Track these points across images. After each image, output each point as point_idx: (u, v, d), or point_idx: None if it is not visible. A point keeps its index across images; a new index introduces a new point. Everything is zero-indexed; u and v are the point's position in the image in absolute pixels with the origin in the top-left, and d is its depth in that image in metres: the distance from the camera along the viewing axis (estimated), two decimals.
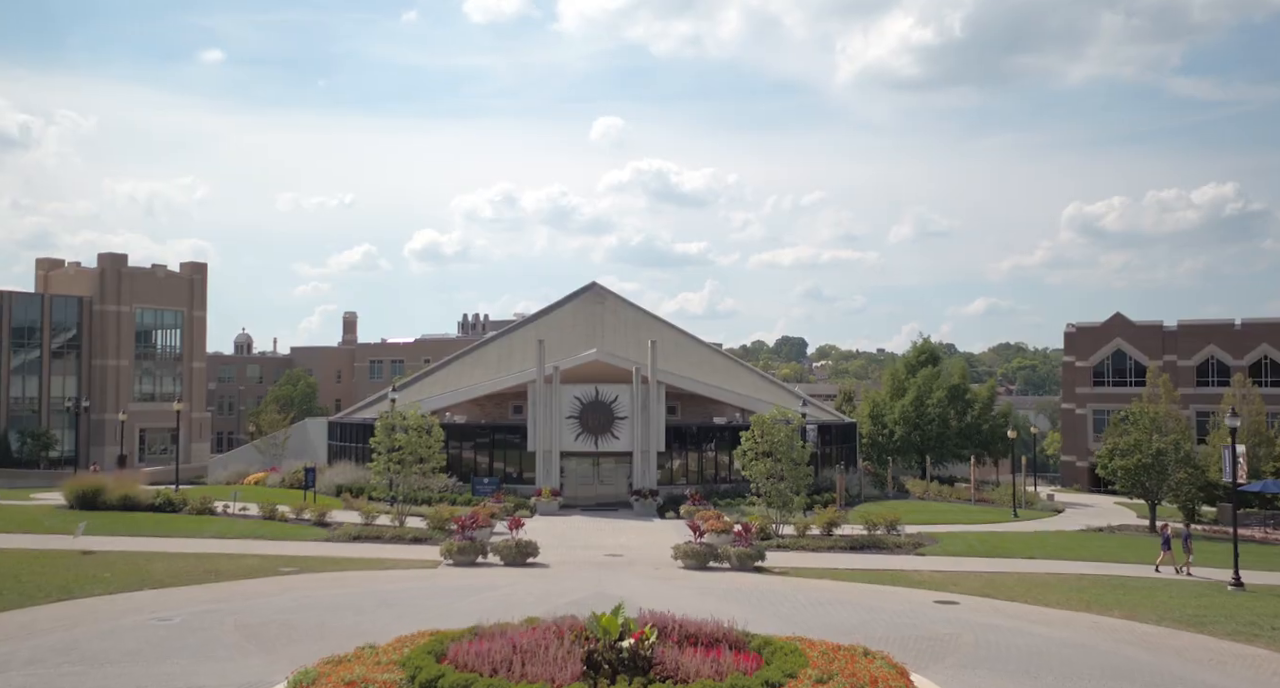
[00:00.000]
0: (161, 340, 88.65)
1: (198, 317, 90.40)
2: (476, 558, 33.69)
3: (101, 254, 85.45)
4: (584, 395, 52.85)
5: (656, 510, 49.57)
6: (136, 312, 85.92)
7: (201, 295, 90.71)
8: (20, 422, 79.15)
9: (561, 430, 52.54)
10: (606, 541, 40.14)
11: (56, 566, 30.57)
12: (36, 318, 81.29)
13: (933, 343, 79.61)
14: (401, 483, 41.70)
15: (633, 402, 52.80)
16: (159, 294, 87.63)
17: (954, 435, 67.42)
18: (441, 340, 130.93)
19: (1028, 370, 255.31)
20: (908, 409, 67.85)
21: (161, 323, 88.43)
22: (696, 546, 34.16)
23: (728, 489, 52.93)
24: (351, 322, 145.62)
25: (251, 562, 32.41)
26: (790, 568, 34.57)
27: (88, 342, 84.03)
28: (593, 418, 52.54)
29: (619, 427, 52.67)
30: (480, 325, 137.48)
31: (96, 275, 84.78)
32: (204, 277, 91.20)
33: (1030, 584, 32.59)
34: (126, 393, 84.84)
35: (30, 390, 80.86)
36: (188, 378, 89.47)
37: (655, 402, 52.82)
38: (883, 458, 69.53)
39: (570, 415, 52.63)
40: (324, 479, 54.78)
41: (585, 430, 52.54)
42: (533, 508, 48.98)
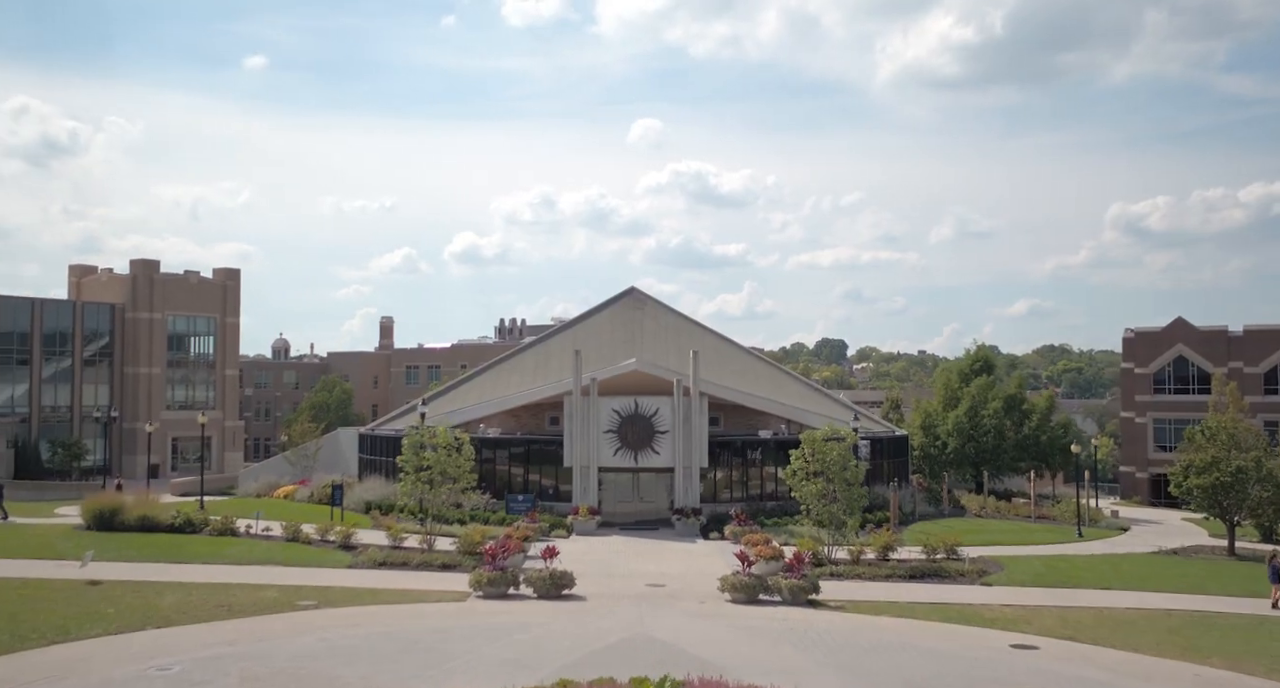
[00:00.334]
0: (194, 347, 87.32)
1: (230, 323, 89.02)
2: (508, 590, 31.32)
3: (134, 261, 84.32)
4: (623, 408, 50.38)
5: (699, 530, 46.99)
6: (169, 319, 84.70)
7: (235, 301, 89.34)
8: (52, 431, 78.05)
9: (599, 445, 50.10)
10: (647, 567, 37.63)
11: (59, 599, 28.55)
12: (68, 325, 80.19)
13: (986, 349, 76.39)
14: (431, 504, 39.44)
15: (674, 415, 50.25)
16: (192, 300, 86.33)
17: (1010, 448, 64.19)
18: (478, 346, 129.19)
19: (1073, 373, 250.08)
20: (962, 420, 64.71)
21: (194, 329, 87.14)
22: (745, 578, 31.57)
23: (774, 507, 50.25)
24: (388, 326, 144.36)
25: (269, 594, 30.22)
26: (847, 601, 31.88)
27: (120, 349, 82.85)
28: (632, 432, 50.05)
29: (659, 441, 50.14)
30: (518, 330, 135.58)
31: (129, 282, 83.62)
32: (237, 283, 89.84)
33: (1113, 623, 29.68)
34: (159, 401, 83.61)
35: (62, 399, 79.76)
36: (220, 385, 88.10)
37: (698, 415, 50.25)
38: (935, 471, 66.43)
39: (608, 430, 50.18)
40: (353, 495, 52.75)
41: (624, 445, 50.06)
42: (569, 527, 46.59)
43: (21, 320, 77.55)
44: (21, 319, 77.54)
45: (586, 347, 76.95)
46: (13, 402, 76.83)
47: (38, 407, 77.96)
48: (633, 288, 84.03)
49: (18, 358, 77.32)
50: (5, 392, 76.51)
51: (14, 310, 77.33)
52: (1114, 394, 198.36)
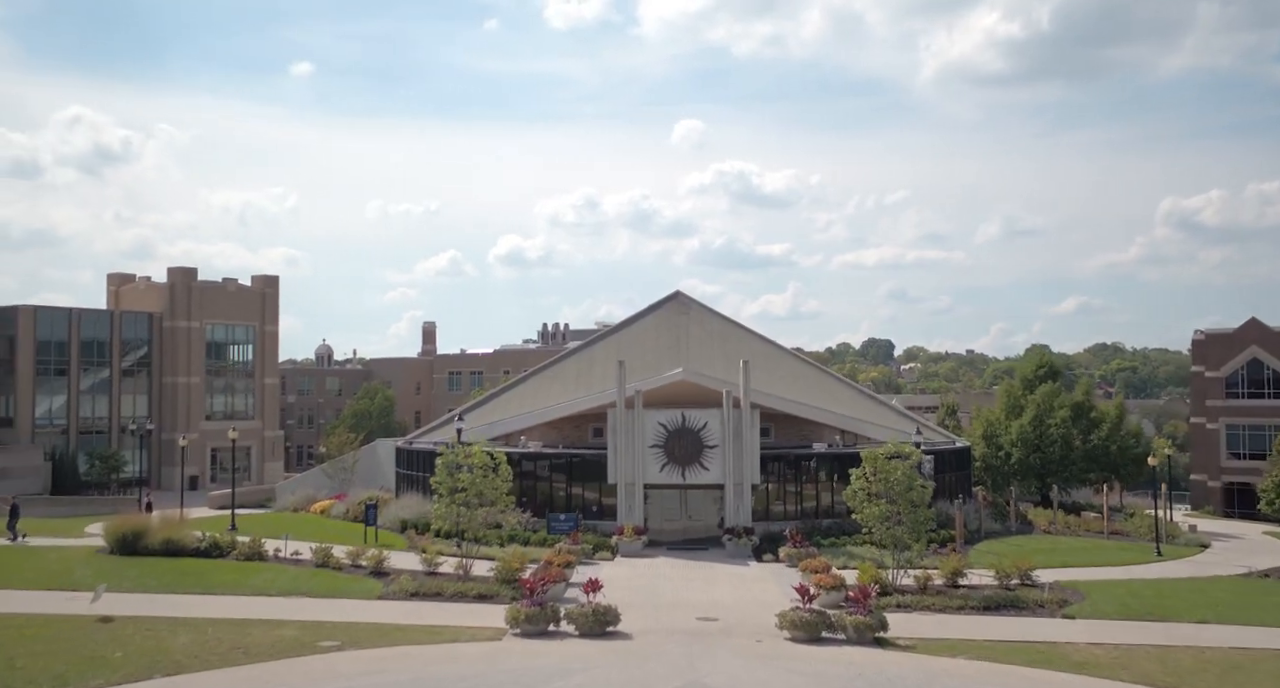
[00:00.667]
0: (233, 356, 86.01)
1: (269, 331, 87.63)
2: (548, 627, 28.86)
3: (171, 268, 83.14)
4: (669, 422, 47.79)
5: (752, 552, 44.27)
6: (207, 327, 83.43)
7: (273, 309, 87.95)
8: (90, 442, 76.99)
9: (645, 461, 47.55)
10: (697, 596, 35.00)
11: (64, 640, 26.51)
12: (106, 335, 79.13)
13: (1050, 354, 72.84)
14: (467, 528, 37.09)
15: (723, 428, 47.58)
16: (230, 309, 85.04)
17: (1079, 458, 60.76)
18: (520, 351, 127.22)
19: (1128, 372, 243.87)
20: (1026, 430, 61.41)
21: (233, 338, 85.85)
22: (806, 614, 28.85)
23: (831, 526, 47.39)
24: (430, 331, 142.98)
25: (289, 632, 27.99)
26: (918, 639, 29.04)
27: (158, 359, 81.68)
28: (679, 447, 47.44)
29: (708, 456, 47.48)
30: (560, 335, 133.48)
31: (166, 290, 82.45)
32: (275, 290, 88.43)
33: (1218, 668, 26.61)
34: (198, 411, 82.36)
35: (100, 410, 78.68)
36: (259, 395, 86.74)
37: (749, 428, 47.52)
38: (998, 484, 63.17)
39: (654, 444, 47.60)
40: (388, 512, 50.68)
41: (671, 461, 47.46)
42: (614, 548, 44.08)
43: (59, 331, 76.59)
44: (59, 329, 76.58)
45: (630, 354, 74.71)
46: (51, 413, 75.88)
47: (76, 418, 76.93)
48: (677, 292, 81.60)
49: (56, 368, 76.37)
50: (44, 403, 75.57)
51: (51, 321, 76.37)
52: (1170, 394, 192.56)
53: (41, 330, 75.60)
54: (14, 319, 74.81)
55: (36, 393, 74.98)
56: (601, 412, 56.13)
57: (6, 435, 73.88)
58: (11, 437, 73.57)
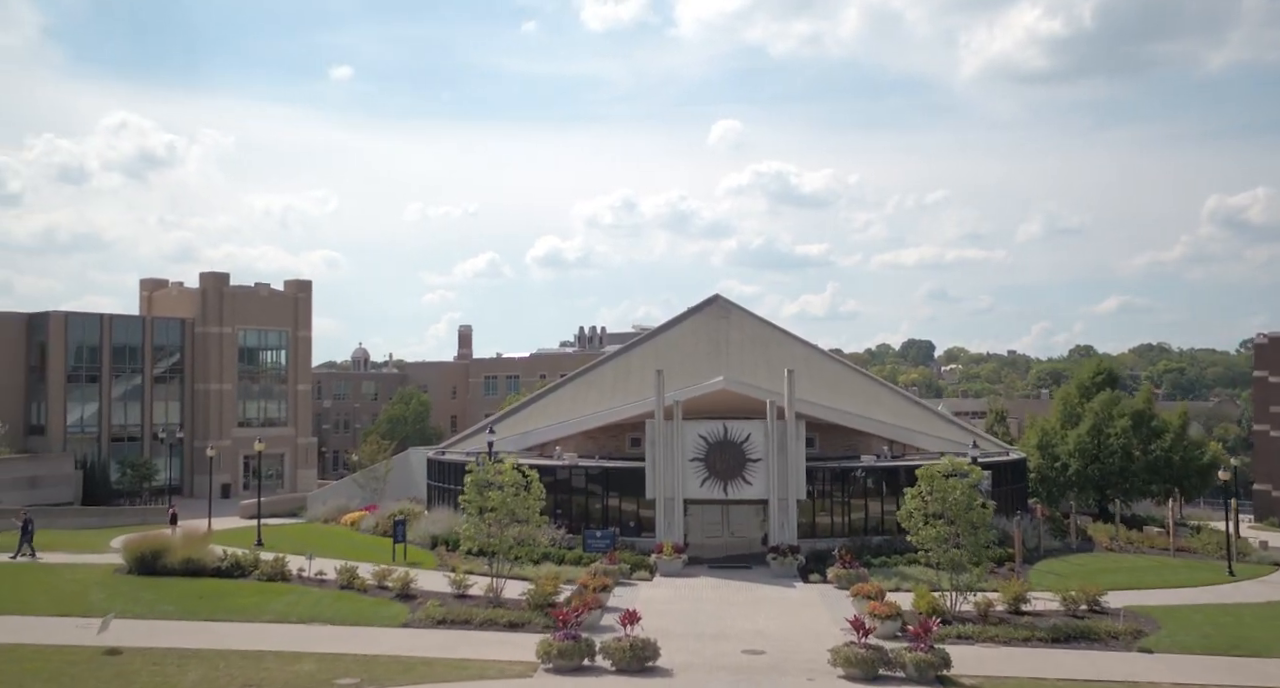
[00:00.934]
0: (265, 362, 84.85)
1: (302, 337, 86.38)
2: (582, 662, 26.82)
3: (203, 274, 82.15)
4: (710, 434, 45.60)
5: (798, 571, 42.00)
6: (239, 333, 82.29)
7: (306, 315, 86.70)
8: (122, 450, 76.05)
9: (685, 475, 45.38)
10: (742, 624, 32.81)
11: (67, 676, 24.84)
12: (138, 341, 78.18)
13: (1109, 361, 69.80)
14: (498, 549, 35.11)
15: (767, 441, 45.32)
16: (262, 314, 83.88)
17: (1140, 470, 57.84)
18: (557, 355, 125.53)
19: (1174, 373, 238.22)
20: (1084, 440, 58.55)
21: (265, 343, 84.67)
22: (862, 650, 26.59)
23: (881, 544, 44.98)
24: (467, 335, 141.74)
25: (306, 667, 26.16)
26: (983, 678, 26.70)
27: (190, 365, 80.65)
28: (720, 460, 45.24)
29: (751, 471, 45.23)
30: (598, 338, 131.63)
31: (198, 296, 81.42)
32: (308, 295, 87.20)
33: None
34: (230, 418, 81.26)
35: (132, 417, 77.72)
36: (292, 401, 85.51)
37: (794, 441, 45.22)
38: (1053, 496, 60.37)
39: (695, 458, 45.43)
40: (418, 527, 48.92)
41: (712, 475, 45.27)
42: (653, 567, 41.98)
43: (91, 337, 75.71)
44: (91, 335, 75.71)
45: (668, 359, 72.58)
46: (82, 421, 75.00)
47: (107, 425, 76.03)
48: (716, 296, 79.46)
49: (87, 375, 75.50)
50: (75, 411, 74.69)
51: (83, 327, 75.52)
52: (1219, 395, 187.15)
53: (73, 336, 74.76)
54: (45, 325, 74.02)
55: (68, 400, 74.13)
56: (639, 421, 54.08)
57: (38, 443, 73.11)
58: (43, 444, 72.77)
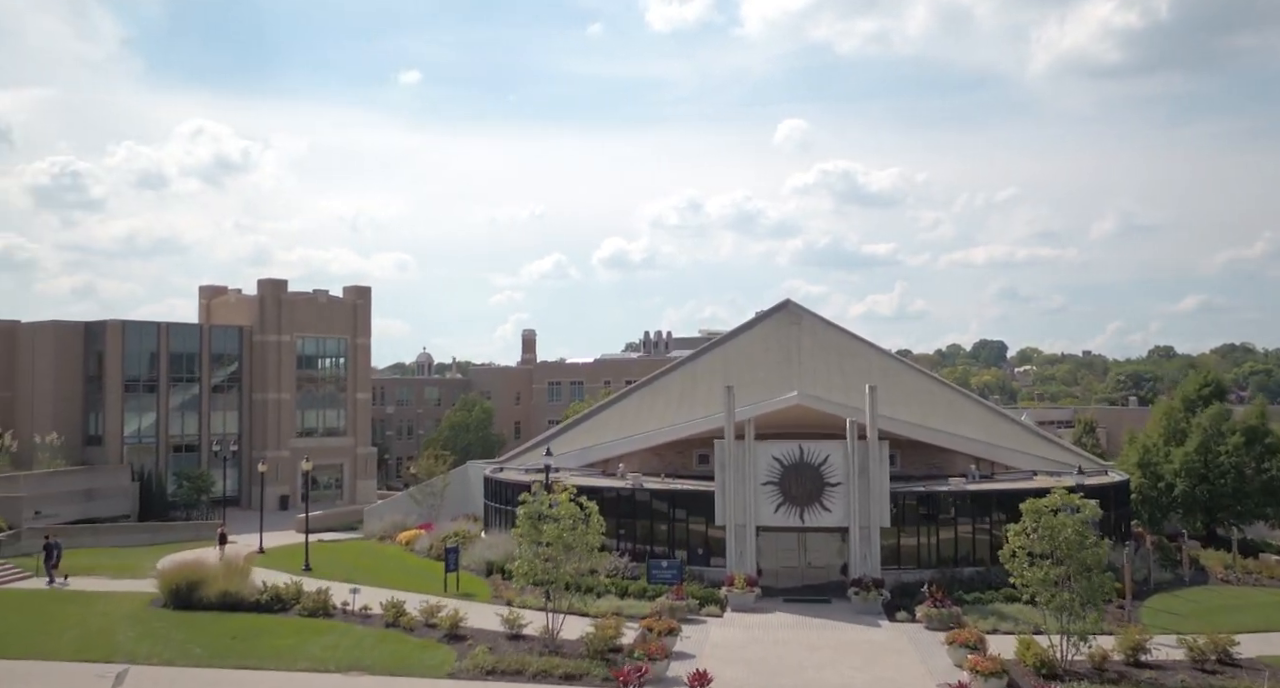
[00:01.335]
0: (324, 370, 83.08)
1: (361, 344, 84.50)
2: None
3: (261, 281, 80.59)
4: (785, 455, 42.08)
5: (882, 608, 38.36)
6: (297, 341, 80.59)
7: (365, 322, 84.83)
8: (180, 461, 74.70)
9: (757, 500, 41.93)
10: (825, 676, 29.32)
11: None
12: (195, 350, 76.81)
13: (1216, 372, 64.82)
14: (554, 583, 32.06)
15: (847, 463, 41.66)
16: (321, 321, 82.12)
17: (1255, 491, 53.03)
18: (621, 361, 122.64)
19: (1261, 376, 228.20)
20: (1192, 458, 53.87)
21: (324, 351, 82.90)
22: None
23: (973, 577, 41.12)
24: (530, 340, 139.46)
25: None
26: None
27: (248, 374, 79.13)
28: (796, 484, 41.71)
29: (830, 496, 41.62)
30: (663, 343, 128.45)
31: (256, 303, 79.89)
32: (367, 301, 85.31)
33: None
34: (289, 428, 79.57)
35: (190, 427, 76.33)
36: (351, 410, 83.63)
37: (877, 463, 41.51)
38: (1156, 519, 55.75)
39: (768, 481, 41.95)
40: (473, 551, 46.12)
41: (787, 500, 41.74)
42: (723, 601, 38.65)
43: (148, 346, 74.47)
44: (148, 345, 74.46)
45: (738, 369, 69.25)
46: (140, 431, 73.76)
47: (165, 435, 74.69)
48: (788, 301, 75.94)
49: (145, 385, 74.25)
50: (133, 421, 73.46)
51: (140, 336, 74.31)
52: None
53: (130, 346, 73.56)
54: (102, 335, 72.92)
55: (125, 410, 72.92)
56: (708, 437, 50.89)
57: (96, 454, 72.00)
58: (100, 455, 71.64)
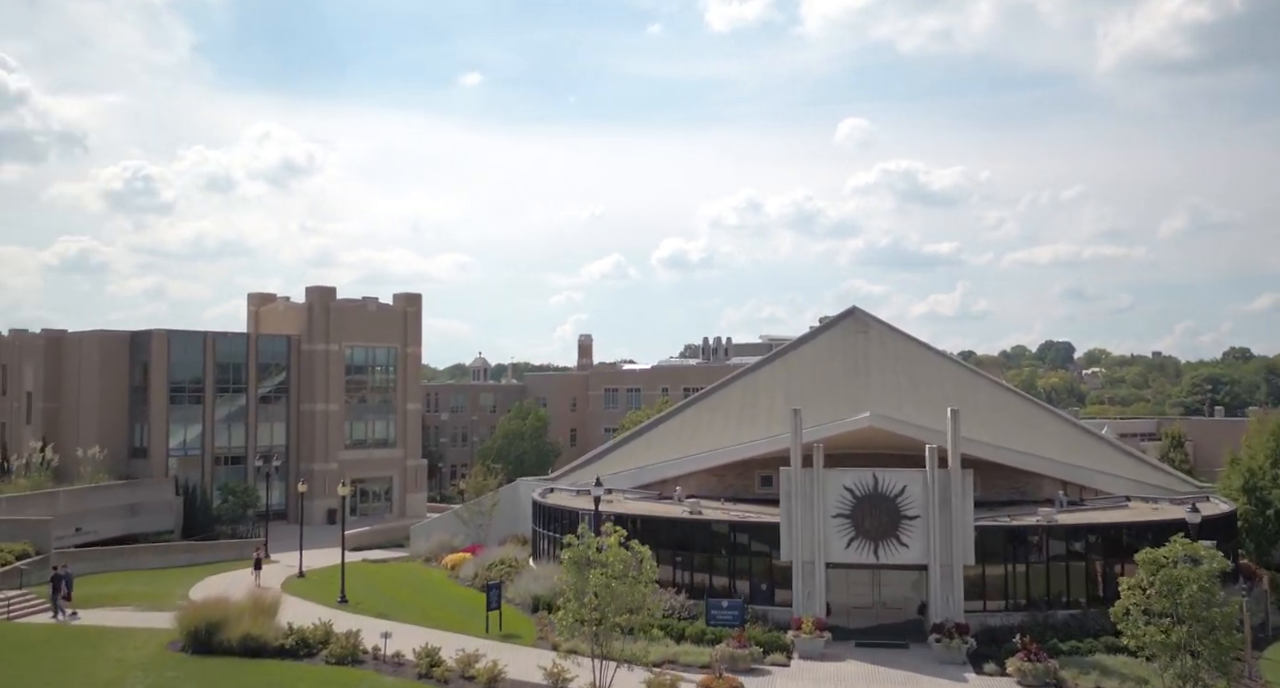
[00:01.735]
0: (373, 380, 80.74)
1: (411, 353, 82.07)
2: None
3: (309, 288, 78.49)
4: (858, 485, 38.33)
5: (967, 657, 34.52)
6: (346, 350, 78.36)
7: (415, 330, 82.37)
8: (226, 473, 72.78)
9: (827, 534, 38.23)
10: None
11: None
12: (242, 360, 74.88)
13: None
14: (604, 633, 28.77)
15: (927, 495, 37.80)
16: (370, 329, 79.81)
17: None
18: (679, 368, 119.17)
19: None
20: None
21: (373, 361, 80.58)
22: None
23: (1069, 621, 37.07)
24: (587, 345, 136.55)
25: None
26: None
27: (296, 384, 77.04)
28: (870, 517, 37.95)
29: (907, 530, 37.78)
30: (723, 350, 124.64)
31: (304, 311, 77.79)
32: (418, 309, 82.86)
33: None
34: (337, 439, 77.33)
35: (236, 439, 74.39)
36: (401, 421, 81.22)
37: (960, 495, 37.61)
38: (1262, 548, 51.05)
39: (839, 514, 38.22)
40: (519, 585, 43.00)
41: (859, 535, 37.97)
42: (789, 648, 35.08)
43: (194, 356, 72.64)
44: (194, 355, 72.64)
45: (802, 381, 65.57)
46: (185, 443, 71.93)
47: (211, 447, 72.81)
48: (854, 308, 72.14)
49: (191, 396, 72.42)
50: (178, 433, 71.63)
51: (185, 346, 72.51)
52: None
53: (175, 356, 71.75)
54: (147, 345, 71.21)
55: (170, 422, 71.09)
56: (771, 458, 47.43)
57: (140, 466, 70.30)
58: (145, 468, 69.89)
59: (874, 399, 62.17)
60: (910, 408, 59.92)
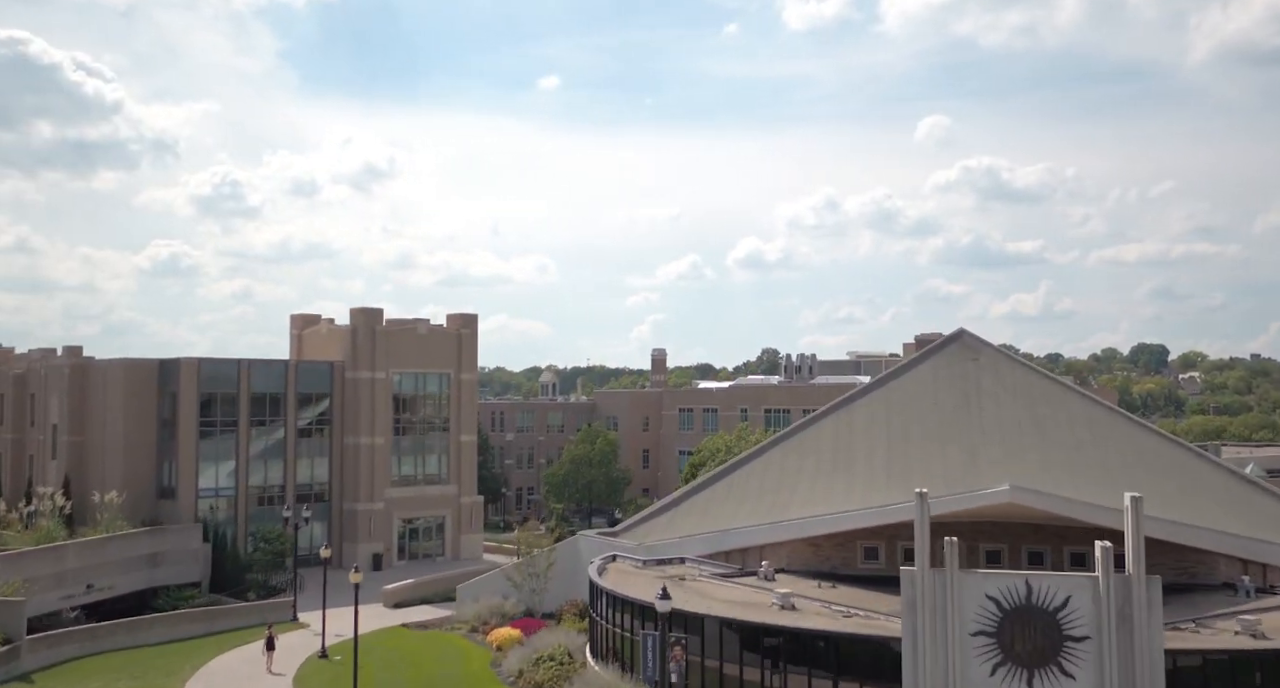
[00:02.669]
0: (423, 410, 73.50)
1: (465, 380, 74.67)
2: None
3: (354, 310, 71.52)
4: (1005, 595, 29.43)
5: None
6: (394, 377, 71.21)
7: (471, 353, 74.99)
8: (262, 515, 66.04)
9: (964, 657, 29.41)
10: None
11: None
12: (280, 389, 68.17)
13: None
14: None
15: (1098, 607, 28.75)
16: (420, 355, 72.57)
17: None
18: (760, 387, 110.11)
19: None
20: None
21: (423, 389, 73.36)
22: None
23: None
24: (660, 360, 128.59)
25: None
26: None
27: (339, 416, 70.13)
28: (1022, 637, 29.04)
29: (1073, 655, 28.77)
30: (807, 367, 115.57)
31: (348, 335, 70.85)
32: (473, 331, 75.48)
33: None
34: (383, 476, 70.22)
35: (273, 476, 67.70)
36: (454, 455, 73.84)
37: (1144, 608, 28.50)
38: None
39: (980, 631, 29.36)
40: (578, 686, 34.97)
41: (1008, 659, 29.05)
42: None
43: (227, 385, 66.17)
44: (227, 384, 66.16)
45: (905, 419, 57.06)
46: (217, 483, 65.40)
47: (245, 487, 66.19)
48: (961, 331, 63.25)
49: (223, 429, 65.90)
50: (209, 470, 65.10)
51: (216, 374, 66.04)
52: None
53: (206, 386, 65.30)
54: (176, 374, 64.86)
55: (200, 459, 64.63)
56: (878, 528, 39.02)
57: (168, 509, 63.92)
58: (173, 510, 63.48)
59: (991, 443, 53.12)
60: (1035, 455, 50.84)
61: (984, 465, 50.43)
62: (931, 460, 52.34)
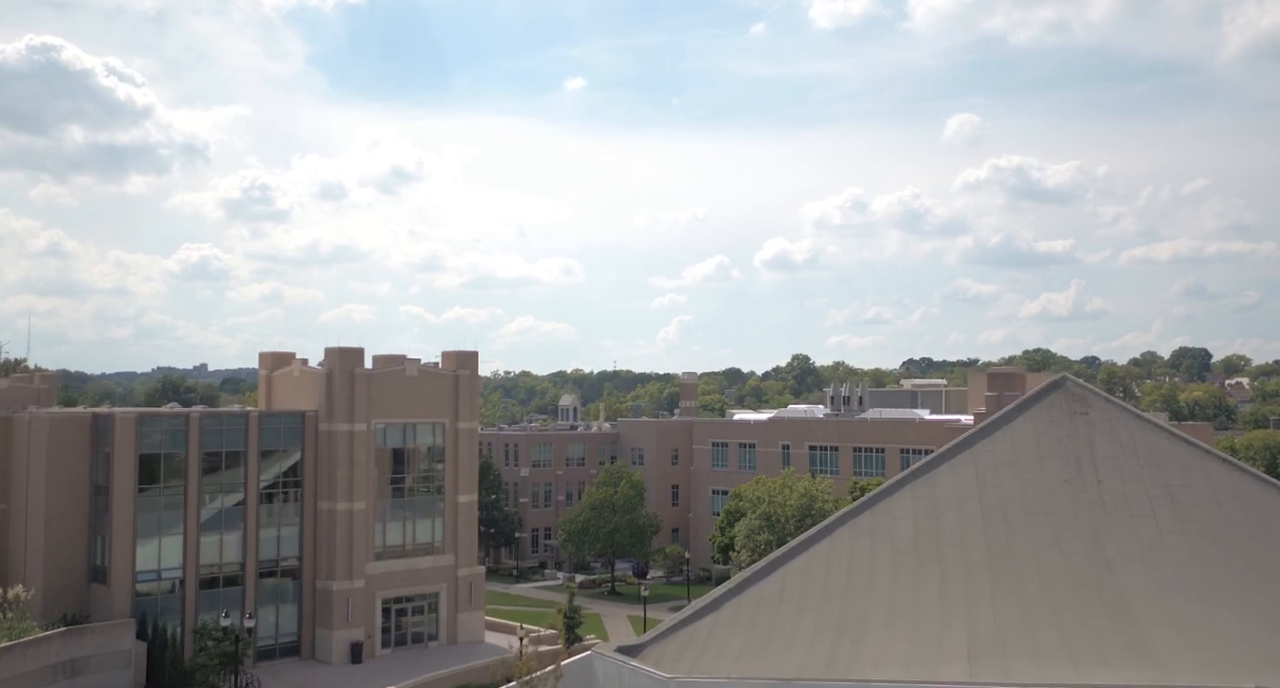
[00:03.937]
0: (414, 467, 62.16)
1: (465, 429, 63.12)
2: None
3: (329, 349, 60.19)
4: None
5: None
6: (377, 429, 59.88)
7: (470, 399, 63.51)
8: (216, 599, 54.99)
9: None
10: None
11: None
12: (240, 446, 57.03)
13: None
14: None
15: None
16: (409, 402, 61.23)
17: None
18: (803, 421, 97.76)
19: None
20: None
21: (413, 441, 61.97)
22: None
23: None
24: (690, 386, 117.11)
25: None
26: None
27: (311, 476, 58.95)
28: None
29: None
30: (856, 399, 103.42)
31: (322, 381, 59.58)
32: (473, 370, 64.11)
33: None
34: (363, 548, 58.88)
35: (230, 552, 56.44)
36: (450, 519, 62.39)
37: None
38: None
39: None
40: None
41: None
42: None
43: (173, 444, 55.27)
44: (173, 442, 55.24)
45: (1001, 494, 45.16)
46: (159, 562, 54.34)
47: (194, 566, 55.12)
48: (1064, 378, 50.91)
49: (167, 498, 54.84)
50: (149, 547, 54.07)
51: (158, 432, 55.06)
52: None
53: (147, 445, 54.36)
54: (109, 431, 53.87)
55: (138, 535, 53.66)
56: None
57: (100, 596, 53.06)
58: (105, 598, 52.61)
59: (1120, 530, 41.13)
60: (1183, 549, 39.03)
61: (1117, 563, 38.83)
62: (1044, 554, 40.70)
